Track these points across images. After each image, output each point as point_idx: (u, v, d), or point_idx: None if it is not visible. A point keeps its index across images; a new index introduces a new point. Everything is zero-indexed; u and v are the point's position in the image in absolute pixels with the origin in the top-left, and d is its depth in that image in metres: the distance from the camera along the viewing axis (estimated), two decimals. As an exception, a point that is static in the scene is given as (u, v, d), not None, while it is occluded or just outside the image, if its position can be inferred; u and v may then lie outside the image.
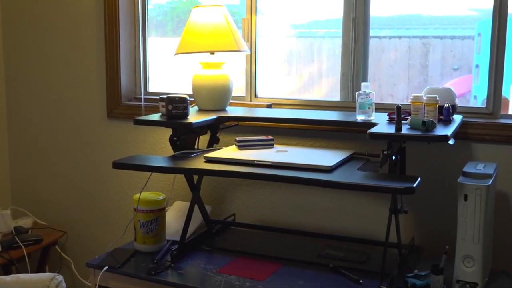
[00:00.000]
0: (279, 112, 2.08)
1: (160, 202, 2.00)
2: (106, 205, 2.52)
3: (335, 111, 2.09)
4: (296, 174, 1.58)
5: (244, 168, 1.66)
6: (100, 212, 2.53)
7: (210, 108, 2.07)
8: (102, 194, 2.52)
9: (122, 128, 2.45)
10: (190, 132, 1.93)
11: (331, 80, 2.25)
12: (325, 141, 2.11)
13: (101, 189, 2.52)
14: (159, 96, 1.97)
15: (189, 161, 1.76)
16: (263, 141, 1.89)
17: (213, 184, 2.29)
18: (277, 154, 1.80)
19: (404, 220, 1.98)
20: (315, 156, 1.77)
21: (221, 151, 1.85)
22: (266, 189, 2.21)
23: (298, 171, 1.61)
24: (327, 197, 2.12)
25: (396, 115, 1.60)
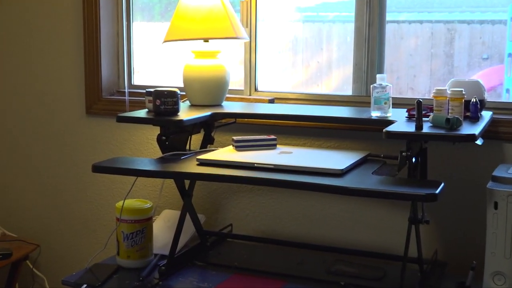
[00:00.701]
0: (283, 107, 2.08)
1: (146, 210, 2.01)
2: (84, 214, 2.53)
3: (346, 107, 2.10)
4: (302, 178, 1.59)
5: (242, 171, 1.67)
6: (78, 222, 2.54)
7: (204, 103, 2.08)
8: (80, 202, 2.53)
9: (103, 126, 2.46)
10: (181, 131, 1.93)
11: (342, 72, 2.26)
12: (335, 141, 2.12)
13: (79, 196, 2.53)
14: (145, 90, 1.98)
15: (180, 164, 1.77)
16: (265, 141, 1.90)
17: (207, 190, 2.30)
18: (280, 156, 1.80)
19: (426, 231, 1.99)
20: (324, 158, 1.78)
21: (216, 153, 1.86)
22: (268, 196, 2.23)
23: (304, 175, 1.61)
24: (337, 205, 2.14)
25: (416, 111, 1.61)
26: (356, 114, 1.93)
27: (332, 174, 1.62)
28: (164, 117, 1.84)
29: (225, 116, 2.02)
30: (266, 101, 2.21)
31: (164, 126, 1.87)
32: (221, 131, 2.21)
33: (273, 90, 2.29)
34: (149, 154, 2.38)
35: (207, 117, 1.93)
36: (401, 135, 1.59)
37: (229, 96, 2.22)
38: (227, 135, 2.23)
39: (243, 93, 2.31)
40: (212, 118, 1.96)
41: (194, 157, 1.82)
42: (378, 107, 1.82)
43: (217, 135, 2.20)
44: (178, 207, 2.28)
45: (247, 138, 1.89)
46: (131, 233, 1.97)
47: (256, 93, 2.29)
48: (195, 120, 1.88)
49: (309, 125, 2.10)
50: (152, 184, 2.40)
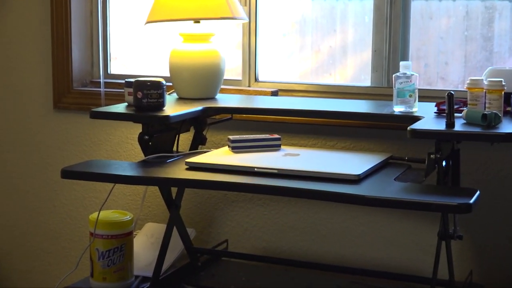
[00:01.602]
0: (288, 101, 2.08)
1: (125, 224, 2.02)
2: (52, 228, 2.54)
3: (364, 100, 2.10)
4: (311, 186, 1.59)
5: (240, 177, 1.67)
6: (44, 237, 2.55)
7: (194, 96, 2.08)
8: (47, 213, 2.53)
9: (74, 123, 2.46)
10: (167, 129, 1.93)
11: (359, 58, 2.26)
12: (350, 141, 2.13)
13: (47, 206, 2.53)
14: (124, 80, 1.98)
15: (166, 169, 1.77)
16: (267, 141, 1.90)
17: (198, 199, 2.31)
18: (285, 158, 1.81)
19: (459, 248, 2.00)
20: (337, 162, 1.79)
21: (209, 155, 1.86)
22: (270, 206, 2.23)
23: (313, 181, 1.62)
24: (353, 217, 2.14)
25: (447, 105, 1.62)
26: (376, 108, 1.93)
27: (347, 181, 1.62)
28: (147, 113, 1.84)
29: (220, 111, 2.02)
30: (268, 94, 2.21)
31: (146, 124, 1.87)
32: (214, 129, 2.21)
33: (277, 81, 2.29)
34: (129, 156, 2.39)
35: (198, 112, 1.93)
36: (429, 134, 1.59)
37: (224, 88, 2.23)
38: (222, 134, 2.24)
39: (241, 83, 2.31)
40: (204, 113, 1.96)
41: (183, 160, 1.82)
42: (402, 100, 1.82)
43: (210, 134, 2.21)
44: (164, 220, 2.28)
45: (245, 138, 1.89)
46: (108, 250, 1.97)
47: (257, 84, 2.29)
48: (183, 116, 1.88)
49: (320, 122, 2.10)
50: (132, 192, 2.40)
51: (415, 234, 2.07)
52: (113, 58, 2.52)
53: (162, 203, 2.25)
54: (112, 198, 2.39)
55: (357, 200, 1.53)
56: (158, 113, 1.83)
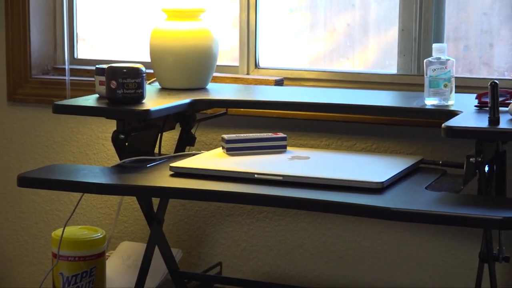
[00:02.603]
0: (296, 92, 2.08)
1: (96, 243, 2.02)
2: (6, 248, 2.53)
3: (389, 91, 2.10)
4: (323, 196, 1.58)
5: (237, 185, 1.67)
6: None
7: (181, 86, 2.08)
8: (0, 229, 2.55)
9: (33, 119, 2.46)
10: (147, 126, 1.93)
11: (384, 39, 2.26)
12: (372, 141, 2.13)
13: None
14: (95, 66, 1.98)
15: (145, 175, 1.77)
16: (269, 141, 1.89)
17: (185, 213, 2.31)
18: (292, 162, 1.80)
19: (504, 272, 2.00)
20: (356, 167, 1.79)
21: (199, 158, 1.86)
22: (274, 221, 2.23)
23: (326, 191, 1.61)
24: (375, 234, 2.14)
25: (491, 97, 1.61)
26: (403, 101, 1.93)
27: (368, 190, 1.61)
28: (123, 106, 1.84)
29: (212, 104, 2.02)
30: (271, 83, 2.21)
31: (122, 120, 1.86)
32: (206, 126, 2.21)
33: (282, 67, 2.28)
34: (100, 160, 2.39)
35: (185, 106, 1.93)
36: (468, 132, 1.59)
37: (217, 76, 2.22)
38: (215, 133, 2.23)
39: (238, 70, 2.31)
40: (192, 107, 1.96)
41: (167, 164, 1.81)
42: (435, 91, 1.83)
43: (199, 133, 2.21)
44: (143, 238, 2.28)
45: (243, 137, 1.88)
46: (74, 275, 1.97)
47: (257, 71, 2.30)
48: (167, 110, 1.88)
49: (335, 118, 2.09)
50: (104, 204, 2.41)
51: (452, 255, 2.07)
52: (80, 40, 2.52)
53: (141, 217, 2.24)
54: (80, 211, 2.39)
55: (380, 213, 1.53)
56: (137, 107, 1.83)
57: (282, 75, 2.25)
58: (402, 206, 1.52)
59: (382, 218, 1.55)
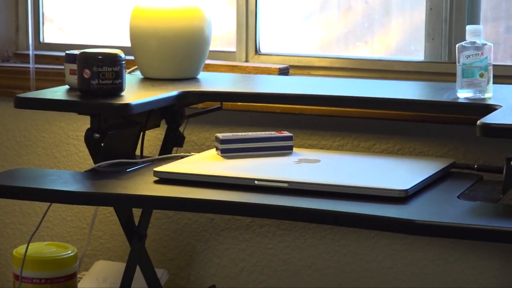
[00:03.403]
0: (304, 83, 2.07)
1: (66, 262, 2.01)
2: (-42, 269, 2.53)
3: (415, 82, 2.10)
4: (336, 206, 1.58)
5: (234, 194, 1.66)
6: None
7: (167, 75, 2.08)
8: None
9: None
10: (127, 124, 1.93)
11: (408, 20, 2.26)
12: (394, 141, 2.13)
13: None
14: (64, 52, 1.98)
15: (125, 181, 1.77)
16: (272, 142, 1.89)
17: (172, 227, 2.31)
18: (299, 166, 1.80)
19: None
20: (375, 171, 1.78)
21: (188, 162, 1.85)
22: (278, 236, 2.22)
23: (340, 200, 1.61)
24: (397, 252, 2.14)
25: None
26: (432, 94, 1.93)
27: (390, 199, 1.61)
28: (98, 100, 1.83)
29: (204, 97, 2.02)
30: (275, 72, 2.21)
31: (97, 116, 1.86)
32: (196, 123, 2.21)
33: (287, 53, 2.28)
34: (71, 163, 2.39)
35: (172, 99, 1.93)
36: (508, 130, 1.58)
37: (210, 64, 2.22)
38: (207, 131, 2.24)
39: (235, 57, 2.31)
40: (180, 101, 1.96)
41: (150, 168, 1.81)
42: (470, 82, 1.82)
43: (189, 131, 2.20)
44: (121, 257, 2.27)
45: (241, 137, 1.88)
46: (40, 301, 1.97)
47: (258, 57, 2.30)
48: (151, 104, 1.88)
49: (350, 114, 2.09)
50: (76, 216, 2.40)
51: (490, 277, 2.07)
52: (47, 21, 2.52)
53: (119, 231, 2.24)
54: (47, 224, 2.38)
55: (403, 227, 1.52)
56: (114, 101, 1.82)
57: (288, 63, 2.25)
58: (430, 218, 1.51)
59: (406, 233, 1.54)
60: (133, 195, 1.69)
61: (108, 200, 1.74)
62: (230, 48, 2.33)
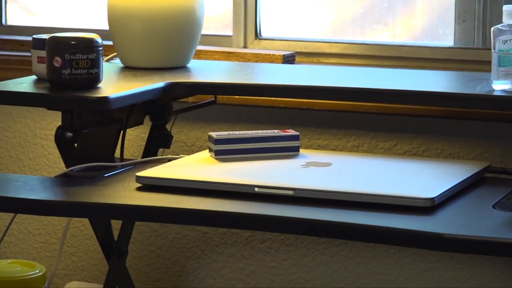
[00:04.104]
0: (312, 72, 2.08)
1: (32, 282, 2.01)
2: None
3: (443, 71, 2.11)
4: (351, 218, 1.58)
5: (230, 203, 1.67)
6: None
7: (151, 64, 2.09)
8: None
9: None
10: (105, 121, 1.94)
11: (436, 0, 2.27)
12: (419, 140, 2.13)
13: None
14: (31, 37, 1.98)
15: (102, 188, 1.77)
16: (275, 142, 1.89)
17: (158, 242, 2.31)
18: (307, 171, 1.81)
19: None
20: (396, 177, 1.79)
21: (177, 165, 1.86)
22: (281, 253, 2.23)
23: (355, 210, 1.61)
24: (422, 272, 2.14)
25: None
26: (463, 85, 1.93)
27: (413, 209, 1.61)
28: (71, 92, 1.84)
29: (195, 90, 2.03)
30: (278, 60, 2.22)
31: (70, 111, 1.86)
32: (186, 121, 2.22)
33: (293, 37, 2.30)
34: (39, 167, 2.39)
35: (157, 92, 1.94)
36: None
37: (203, 50, 2.24)
38: (199, 130, 2.25)
39: (231, 42, 2.32)
40: (167, 94, 1.97)
41: (132, 173, 1.82)
42: (507, 71, 1.82)
43: (178, 130, 2.22)
44: (98, 277, 2.28)
45: (239, 136, 1.88)
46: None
47: (259, 42, 2.31)
48: (132, 98, 1.89)
49: (367, 109, 2.10)
50: (44, 230, 2.40)
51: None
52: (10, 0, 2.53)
53: (95, 248, 2.24)
54: (11, 239, 2.39)
55: (429, 241, 1.51)
56: (90, 94, 1.82)
57: (293, 49, 2.26)
58: (460, 232, 1.51)
59: (433, 249, 1.54)
60: (112, 204, 1.69)
61: (82, 210, 1.73)
62: (225, 31, 2.34)
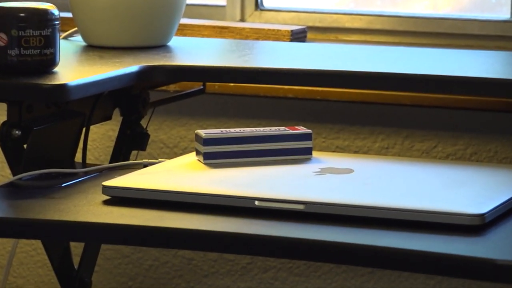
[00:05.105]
0: (328, 53, 2.11)
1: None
2: None
3: (496, 52, 2.13)
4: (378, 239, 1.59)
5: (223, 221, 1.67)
6: None
7: (122, 42, 2.12)
8: None
9: None
10: (63, 115, 1.96)
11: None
12: (466, 141, 2.15)
13: None
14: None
15: (59, 201, 1.78)
16: (281, 142, 1.91)
17: (129, 270, 2.34)
18: (321, 179, 1.82)
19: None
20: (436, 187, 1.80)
21: (155, 172, 1.88)
22: (289, 285, 2.25)
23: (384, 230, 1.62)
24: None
25: None
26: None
27: (458, 228, 1.62)
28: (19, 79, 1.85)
29: (177, 75, 2.04)
30: (285, 37, 2.24)
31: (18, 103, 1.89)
32: (167, 115, 2.25)
33: (303, 8, 2.34)
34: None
35: (130, 78, 1.95)
36: None
37: (188, 24, 2.27)
38: (183, 127, 2.27)
39: (224, 14, 2.37)
40: (143, 81, 2.00)
41: (97, 182, 1.83)
42: None
43: (156, 127, 2.26)
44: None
45: (233, 135, 1.90)
46: None
47: (260, 14, 2.34)
48: (98, 86, 1.90)
49: (398, 100, 2.12)
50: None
51: None
52: None
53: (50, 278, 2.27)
54: None
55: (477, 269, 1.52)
56: (43, 80, 1.84)
57: (304, 23, 2.28)
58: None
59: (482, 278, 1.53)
60: (71, 222, 1.69)
61: (33, 230, 1.74)
62: (217, 0, 2.37)
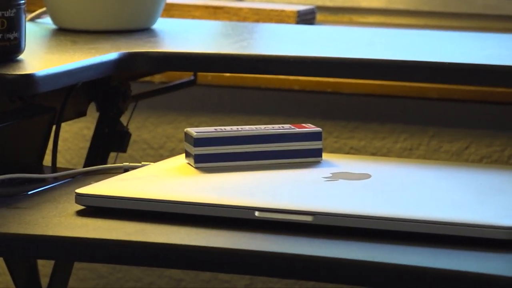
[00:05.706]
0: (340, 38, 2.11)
1: None
2: None
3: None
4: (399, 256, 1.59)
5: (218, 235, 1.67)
6: None
7: (99, 25, 2.14)
8: None
9: None
10: (30, 111, 1.97)
11: None
12: (502, 141, 2.14)
13: None
14: None
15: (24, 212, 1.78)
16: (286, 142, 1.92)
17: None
18: (332, 186, 1.82)
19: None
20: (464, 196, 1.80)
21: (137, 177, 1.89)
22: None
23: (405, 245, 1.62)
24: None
25: None
26: None
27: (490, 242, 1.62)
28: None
29: (163, 64, 2.04)
30: (290, 18, 2.25)
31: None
32: (152, 111, 2.27)
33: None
34: None
35: (108, 67, 1.95)
36: None
37: (176, 3, 2.29)
38: (170, 124, 2.28)
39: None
40: (123, 70, 2.01)
41: (70, 189, 1.84)
42: None
43: (138, 124, 2.27)
44: None
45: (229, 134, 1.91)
46: None
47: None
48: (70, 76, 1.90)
49: (424, 94, 2.13)
50: None
51: None
52: None
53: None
54: None
55: None
56: (6, 70, 1.84)
57: (313, 2, 2.29)
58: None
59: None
60: (39, 236, 1.69)
61: None
62: None
